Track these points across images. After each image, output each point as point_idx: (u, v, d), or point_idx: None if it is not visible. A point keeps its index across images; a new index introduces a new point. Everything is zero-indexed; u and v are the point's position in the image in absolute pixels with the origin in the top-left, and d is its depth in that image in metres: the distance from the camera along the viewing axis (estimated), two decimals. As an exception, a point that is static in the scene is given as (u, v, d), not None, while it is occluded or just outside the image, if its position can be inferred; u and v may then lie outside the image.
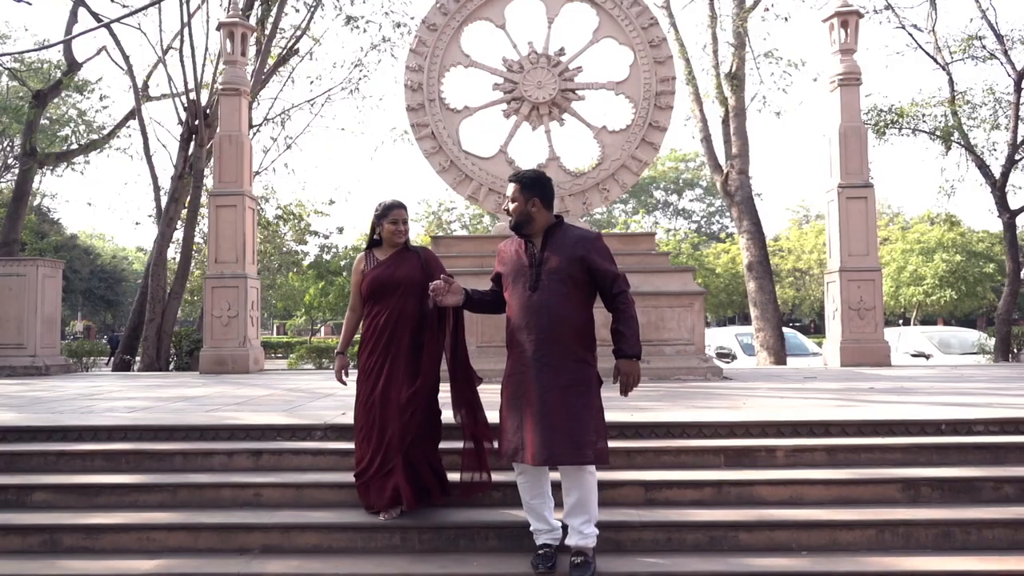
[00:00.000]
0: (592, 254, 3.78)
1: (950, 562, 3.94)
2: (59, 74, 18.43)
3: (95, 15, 15.58)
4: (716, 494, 4.48)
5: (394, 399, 4.10)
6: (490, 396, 4.25)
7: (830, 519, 4.22)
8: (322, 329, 45.93)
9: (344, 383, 4.47)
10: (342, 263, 30.41)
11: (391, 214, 4.30)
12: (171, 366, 14.76)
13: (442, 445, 4.38)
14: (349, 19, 16.53)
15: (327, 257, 30.19)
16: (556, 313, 3.72)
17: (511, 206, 3.89)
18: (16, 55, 17.53)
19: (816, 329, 38.86)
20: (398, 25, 17.32)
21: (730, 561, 3.96)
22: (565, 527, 3.83)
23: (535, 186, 3.87)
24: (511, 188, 3.91)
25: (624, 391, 3.76)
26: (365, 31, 17.02)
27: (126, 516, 4.41)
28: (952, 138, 15.58)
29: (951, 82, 15.88)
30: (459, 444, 4.26)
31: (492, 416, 4.11)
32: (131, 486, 4.65)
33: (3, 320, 11.03)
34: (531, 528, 3.91)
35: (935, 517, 4.23)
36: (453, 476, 4.31)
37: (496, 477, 4.31)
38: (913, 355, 14.66)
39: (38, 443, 5.18)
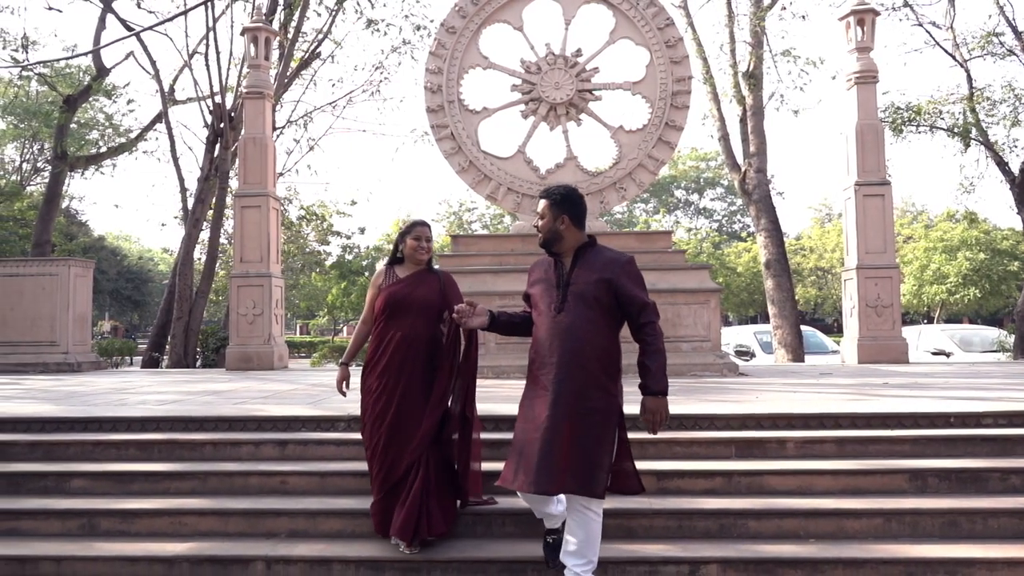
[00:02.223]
0: (622, 278, 3.57)
1: (956, 550, 4.04)
2: (88, 79, 18.83)
3: (123, 21, 15.93)
4: (726, 483, 4.60)
5: (409, 424, 4.05)
6: (508, 391, 4.34)
7: (838, 508, 4.34)
8: (344, 329, 46.29)
9: (344, 395, 4.40)
10: (364, 263, 30.75)
11: (414, 231, 4.26)
12: (198, 363, 15.08)
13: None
14: (370, 22, 16.74)
15: (349, 257, 30.49)
16: (581, 337, 3.53)
17: (540, 223, 3.73)
18: (48, 63, 17.93)
19: (838, 328, 38.57)
20: (418, 28, 17.52)
21: (739, 547, 4.09)
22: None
23: (564, 203, 3.68)
24: (541, 204, 3.75)
25: (652, 430, 3.55)
26: (385, 34, 17.23)
27: (159, 502, 4.63)
28: (970, 135, 15.52)
29: (969, 79, 15.82)
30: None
31: (503, 408, 4.18)
32: (163, 473, 4.87)
33: (37, 318, 11.36)
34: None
35: (942, 506, 4.33)
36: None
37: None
38: (933, 353, 14.61)
39: (75, 433, 5.43)
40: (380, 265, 4.48)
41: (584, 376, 3.52)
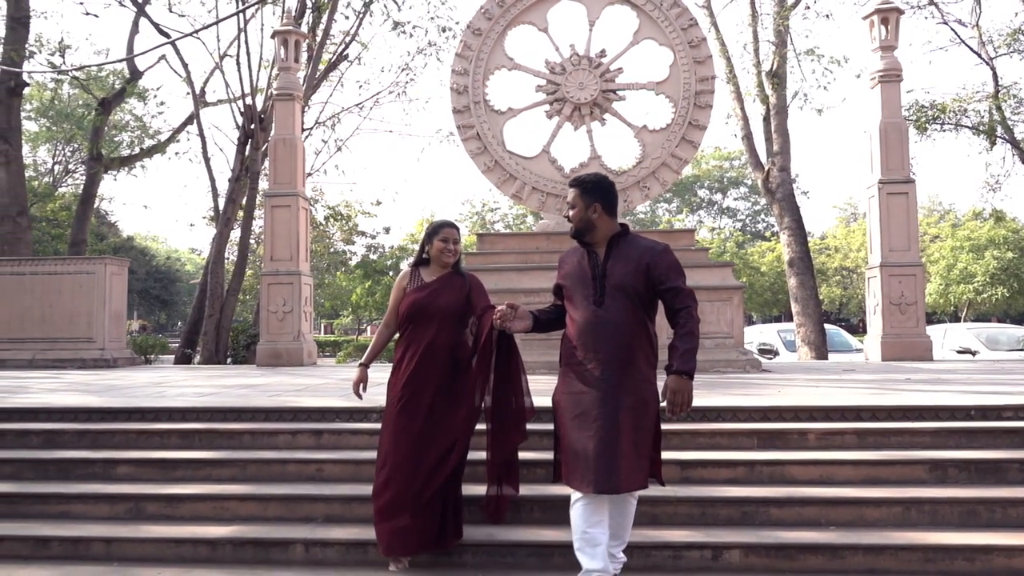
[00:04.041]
0: (659, 266, 3.50)
1: (974, 537, 4.12)
2: (120, 82, 19.26)
3: (156, 25, 16.29)
4: (749, 473, 4.71)
5: (438, 436, 3.93)
6: (537, 386, 4.30)
7: (858, 496, 4.43)
8: (368, 329, 46.65)
9: (360, 397, 4.32)
10: (388, 263, 31.04)
11: (441, 232, 4.11)
12: (229, 360, 15.39)
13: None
14: (396, 24, 16.99)
15: (374, 257, 30.83)
16: (624, 330, 3.47)
17: (570, 212, 3.63)
18: (84, 68, 18.37)
19: (863, 328, 38.26)
20: (444, 30, 17.75)
21: (761, 534, 4.19)
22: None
23: (596, 191, 3.59)
24: (571, 193, 3.64)
25: (672, 410, 3.42)
26: (411, 36, 17.49)
27: (202, 487, 4.81)
28: (996, 133, 15.46)
29: (995, 77, 15.76)
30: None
31: (536, 402, 4.12)
32: (205, 461, 5.07)
33: (74, 315, 11.69)
34: (580, 575, 3.54)
35: (961, 496, 4.41)
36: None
37: (534, 455, 4.59)
38: (959, 351, 14.57)
39: (119, 422, 5.64)
40: (405, 266, 4.35)
41: (632, 369, 3.47)
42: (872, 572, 3.98)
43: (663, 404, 3.49)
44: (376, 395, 6.21)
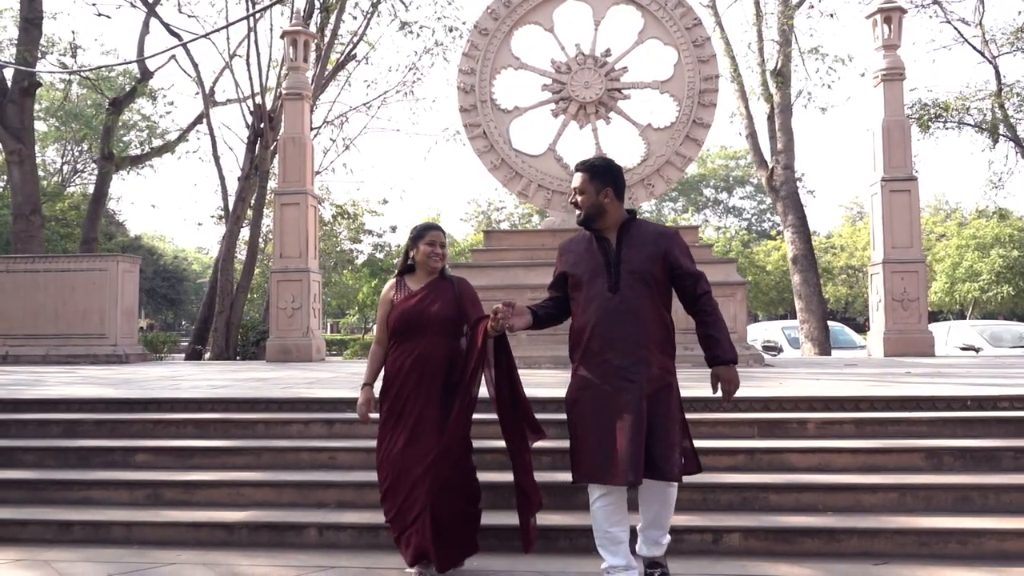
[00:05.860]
0: (675, 251, 3.45)
1: (968, 522, 4.22)
2: (130, 82, 19.46)
3: (167, 26, 16.48)
4: (749, 460, 4.83)
5: (423, 450, 3.70)
6: (543, 379, 4.44)
7: (855, 483, 4.54)
8: (374, 328, 46.74)
9: (368, 420, 4.06)
10: (394, 261, 31.22)
11: (428, 235, 3.89)
12: (238, 356, 15.56)
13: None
14: (404, 24, 17.15)
15: (380, 256, 31.00)
16: (642, 317, 3.37)
17: (579, 198, 3.50)
18: (96, 69, 18.57)
19: (869, 326, 38.25)
20: (450, 30, 17.90)
21: (760, 518, 4.32)
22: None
23: (607, 175, 3.49)
24: (578, 178, 3.51)
25: (728, 399, 3.46)
26: (418, 36, 17.66)
27: (218, 474, 4.96)
28: (999, 131, 15.54)
29: (998, 75, 15.85)
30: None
31: (542, 392, 4.26)
32: (220, 449, 5.22)
33: (87, 312, 11.87)
34: (603, 566, 3.46)
35: (956, 482, 4.52)
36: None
37: (540, 444, 4.69)
38: (962, 348, 14.66)
39: (137, 413, 5.80)
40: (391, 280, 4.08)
41: (652, 357, 3.39)
42: (868, 555, 4.08)
43: (718, 394, 3.46)
44: (385, 387, 6.39)
